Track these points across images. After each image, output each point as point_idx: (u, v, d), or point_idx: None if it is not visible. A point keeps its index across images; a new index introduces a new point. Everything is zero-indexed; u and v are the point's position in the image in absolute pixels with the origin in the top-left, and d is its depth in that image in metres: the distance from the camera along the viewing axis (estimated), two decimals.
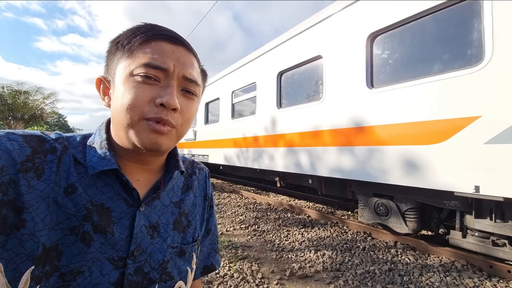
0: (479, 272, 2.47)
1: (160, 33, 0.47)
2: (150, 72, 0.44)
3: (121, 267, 0.45)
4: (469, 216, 2.47)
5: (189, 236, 0.59)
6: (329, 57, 3.50)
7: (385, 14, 2.82)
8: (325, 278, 2.42)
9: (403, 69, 2.76)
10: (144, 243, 0.49)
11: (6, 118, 13.52)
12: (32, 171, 0.41)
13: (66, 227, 0.42)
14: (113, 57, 0.48)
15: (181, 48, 0.48)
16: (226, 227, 3.88)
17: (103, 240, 0.44)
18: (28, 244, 0.38)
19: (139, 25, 0.48)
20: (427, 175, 2.46)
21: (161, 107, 0.44)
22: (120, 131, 0.47)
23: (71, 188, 0.44)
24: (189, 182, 0.64)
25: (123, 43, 0.46)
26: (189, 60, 0.49)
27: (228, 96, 6.12)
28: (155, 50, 0.45)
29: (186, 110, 0.49)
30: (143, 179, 0.54)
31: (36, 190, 0.40)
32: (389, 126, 2.76)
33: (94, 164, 0.47)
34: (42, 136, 0.46)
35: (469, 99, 2.20)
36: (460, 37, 2.35)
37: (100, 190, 0.47)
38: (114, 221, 0.46)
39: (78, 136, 0.52)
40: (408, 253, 2.89)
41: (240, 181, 8.63)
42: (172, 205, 0.57)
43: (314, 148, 3.70)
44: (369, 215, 3.32)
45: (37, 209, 0.40)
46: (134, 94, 0.44)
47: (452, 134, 2.27)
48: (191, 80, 0.49)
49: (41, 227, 0.39)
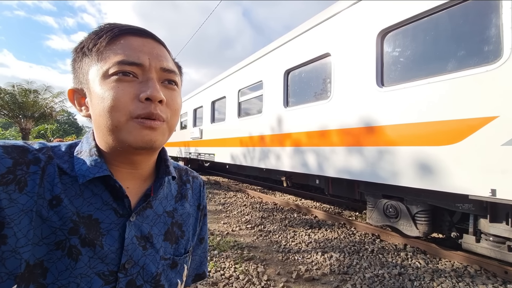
0: (493, 278, 2.38)
1: (125, 29, 0.45)
2: (126, 68, 0.42)
3: (112, 281, 0.43)
4: (484, 220, 2.38)
5: (181, 248, 0.56)
6: (338, 55, 3.42)
7: (397, 10, 2.72)
8: (332, 282, 2.37)
9: (416, 67, 2.66)
10: (136, 255, 0.46)
11: (16, 117, 13.77)
12: (13, 184, 0.38)
13: (52, 241, 0.39)
14: (80, 64, 0.46)
15: (151, 40, 0.47)
16: (232, 227, 3.86)
17: (91, 254, 0.42)
18: (9, 262, 0.35)
19: (100, 27, 0.46)
20: (440, 177, 2.37)
21: (147, 101, 0.43)
22: (106, 136, 0.44)
23: (56, 200, 0.41)
24: (183, 190, 0.62)
25: (88, 47, 0.44)
26: (161, 52, 0.48)
27: (234, 95, 6.09)
28: (125, 46, 0.43)
29: (171, 101, 0.48)
30: (133, 187, 0.51)
31: (18, 203, 0.38)
32: (400, 126, 2.67)
33: (85, 172, 0.44)
34: (24, 147, 0.43)
35: (485, 99, 2.10)
36: (476, 34, 2.25)
37: (87, 201, 0.44)
38: (103, 233, 0.44)
39: (63, 145, 0.50)
40: (418, 257, 2.81)
41: (246, 180, 8.61)
42: (166, 215, 0.55)
43: (321, 148, 3.64)
44: (378, 217, 3.24)
45: (19, 224, 0.37)
46: (115, 94, 0.41)
47: (467, 135, 2.18)
48: (170, 70, 0.48)
49: (23, 243, 0.37)
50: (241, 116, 5.89)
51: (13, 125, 15.60)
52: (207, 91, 7.85)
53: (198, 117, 8.75)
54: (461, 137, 2.22)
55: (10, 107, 13.22)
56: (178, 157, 10.43)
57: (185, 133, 9.46)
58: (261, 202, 5.48)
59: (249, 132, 5.42)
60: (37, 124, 15.57)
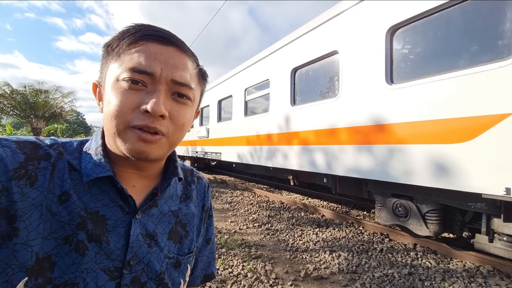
0: (507, 279, 2.33)
1: (148, 33, 0.43)
2: (135, 76, 0.42)
3: (117, 277, 0.43)
4: (497, 219, 2.32)
5: (185, 247, 0.57)
6: (346, 52, 3.39)
7: (407, 6, 2.68)
8: (341, 281, 2.35)
9: (426, 63, 2.61)
10: (141, 252, 0.47)
11: (28, 116, 14.08)
12: (25, 178, 0.39)
13: (60, 236, 0.40)
14: (105, 61, 0.46)
15: (172, 48, 0.45)
16: (239, 225, 3.87)
17: (97, 250, 0.42)
18: (20, 254, 0.36)
19: (129, 26, 0.45)
20: (452, 176, 2.32)
21: (146, 114, 0.42)
22: (109, 138, 0.45)
23: (65, 196, 0.42)
24: (187, 191, 0.63)
25: (112, 46, 0.44)
26: (180, 62, 0.45)
27: (241, 94, 6.09)
28: (141, 52, 0.42)
29: (177, 116, 0.46)
30: (140, 185, 0.51)
31: (29, 197, 0.39)
32: (410, 124, 2.63)
33: (89, 171, 0.45)
34: (36, 142, 0.44)
35: (499, 95, 2.05)
36: (489, 29, 2.20)
37: (95, 197, 0.45)
38: (109, 229, 0.45)
39: (75, 141, 0.51)
40: (429, 257, 2.77)
41: (253, 179, 8.61)
42: (170, 214, 0.55)
43: (330, 147, 3.61)
44: (387, 216, 3.20)
45: (29, 218, 0.38)
46: (119, 101, 0.41)
47: (481, 132, 2.13)
48: (182, 83, 0.45)
49: (34, 236, 0.38)
50: (248, 115, 5.89)
51: (24, 125, 15.95)
52: (214, 90, 7.88)
53: (204, 116, 8.79)
54: (474, 135, 2.17)
55: (22, 107, 13.52)
56: (185, 156, 10.50)
57: (192, 132, 9.52)
58: (268, 201, 5.47)
59: (256, 131, 5.42)
60: (47, 124, 15.87)
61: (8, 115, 13.88)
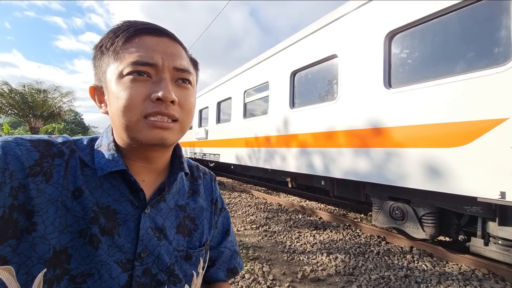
0: (502, 282, 2.35)
1: (140, 28, 0.45)
2: (139, 69, 0.44)
3: (129, 269, 0.45)
4: (493, 223, 2.35)
5: (195, 241, 0.58)
6: (345, 56, 3.43)
7: (405, 11, 2.72)
8: (338, 283, 2.36)
9: (424, 68, 2.65)
10: (151, 245, 0.48)
11: (26, 116, 14.03)
12: (40, 175, 0.41)
13: (75, 230, 0.42)
14: (100, 62, 0.48)
15: (165, 39, 0.47)
16: (237, 227, 3.87)
17: (110, 243, 0.44)
18: (39, 247, 0.38)
19: (118, 25, 0.47)
20: (448, 180, 2.35)
21: (158, 101, 0.44)
22: (121, 133, 0.47)
23: (78, 192, 0.44)
24: (194, 186, 0.64)
25: (106, 46, 0.46)
26: (176, 50, 0.48)
27: (240, 96, 6.12)
28: (139, 46, 0.44)
29: (184, 101, 0.49)
30: (149, 180, 0.53)
31: (45, 193, 0.41)
32: (408, 127, 2.66)
33: (103, 165, 0.47)
34: (49, 141, 0.46)
35: (495, 101, 2.08)
36: (485, 35, 2.24)
37: (106, 192, 0.47)
38: (120, 223, 0.46)
39: (85, 139, 0.53)
40: (425, 259, 2.79)
41: (251, 181, 8.62)
42: (177, 208, 0.57)
43: (328, 149, 3.63)
44: (384, 219, 3.23)
45: (46, 213, 0.40)
46: (128, 94, 0.43)
47: (477, 136, 2.16)
48: (183, 69, 0.48)
49: (51, 230, 0.40)
50: (247, 117, 5.91)
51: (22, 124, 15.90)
52: (213, 92, 7.90)
53: (203, 117, 8.80)
54: (470, 139, 2.20)
55: (20, 107, 13.48)
56: None
57: (190, 133, 9.53)
58: (266, 203, 5.48)
59: (255, 133, 5.44)
60: (45, 123, 15.82)
61: (6, 114, 13.82)
